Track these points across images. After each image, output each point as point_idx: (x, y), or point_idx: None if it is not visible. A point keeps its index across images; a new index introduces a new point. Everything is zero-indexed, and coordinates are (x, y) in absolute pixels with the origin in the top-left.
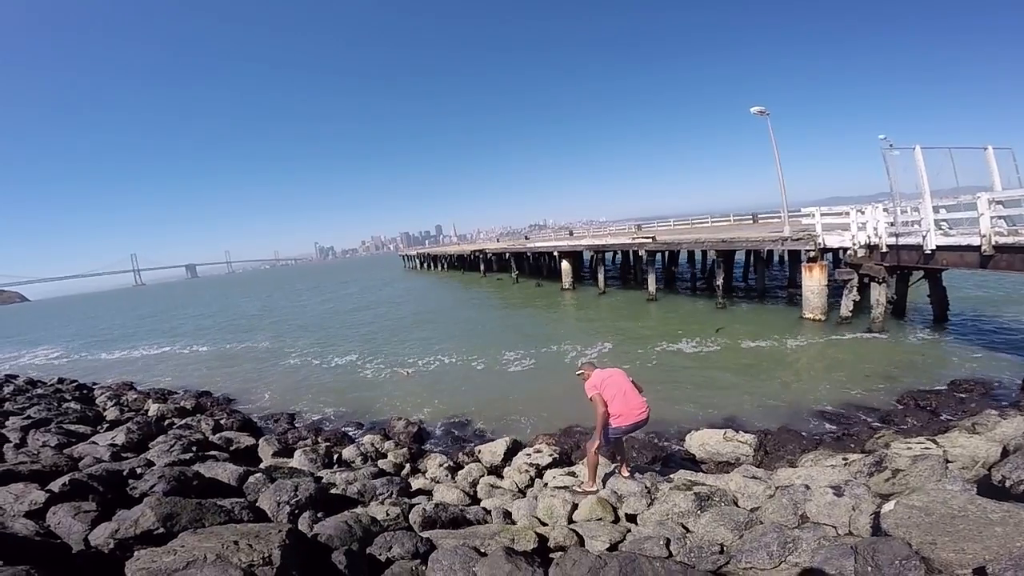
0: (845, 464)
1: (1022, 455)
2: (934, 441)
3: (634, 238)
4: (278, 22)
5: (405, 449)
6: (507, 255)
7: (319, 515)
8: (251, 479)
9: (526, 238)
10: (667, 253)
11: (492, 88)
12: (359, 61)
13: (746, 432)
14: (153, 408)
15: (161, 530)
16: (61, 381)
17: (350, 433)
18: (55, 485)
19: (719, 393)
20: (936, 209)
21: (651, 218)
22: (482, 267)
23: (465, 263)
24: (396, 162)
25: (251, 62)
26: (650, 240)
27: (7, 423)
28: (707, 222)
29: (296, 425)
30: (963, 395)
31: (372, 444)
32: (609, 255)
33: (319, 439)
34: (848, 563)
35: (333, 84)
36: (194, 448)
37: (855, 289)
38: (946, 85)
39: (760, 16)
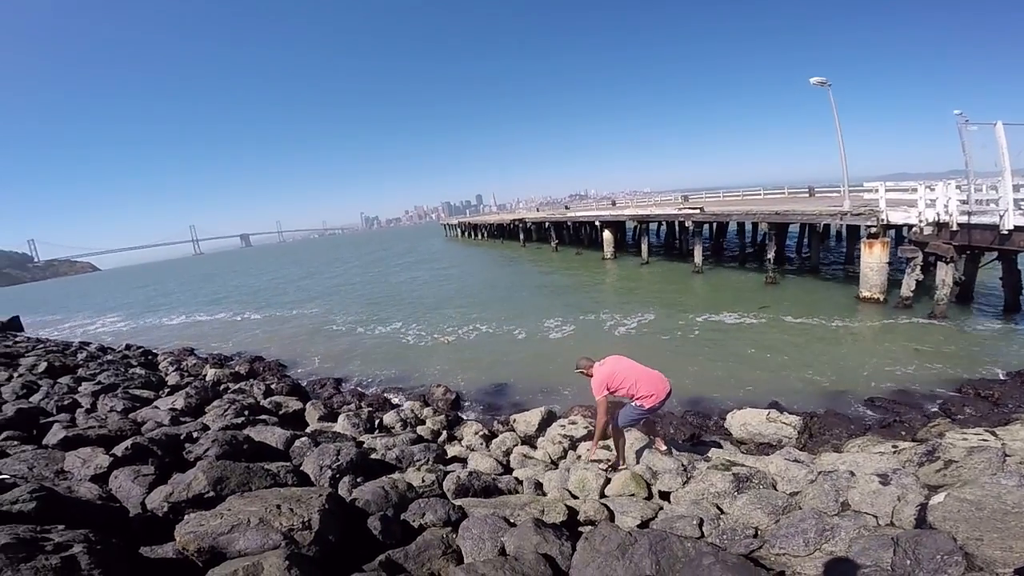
0: (894, 452)
1: None
2: (993, 433)
3: (680, 209)
4: None
5: (443, 416)
6: (547, 224)
7: (358, 480)
8: (297, 443)
9: (566, 208)
10: (715, 225)
11: (534, 53)
12: (403, 27)
13: (791, 414)
14: (210, 373)
15: (211, 493)
16: (128, 348)
17: (392, 399)
18: (118, 449)
19: (764, 372)
20: (1016, 188)
21: (699, 189)
22: (521, 236)
23: (504, 232)
24: (438, 131)
25: (299, 32)
26: (698, 211)
27: (80, 389)
28: (759, 194)
29: (341, 390)
30: None
31: (412, 411)
32: (653, 226)
33: (362, 404)
34: (886, 555)
35: (376, 49)
36: (246, 412)
37: (919, 268)
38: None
39: None
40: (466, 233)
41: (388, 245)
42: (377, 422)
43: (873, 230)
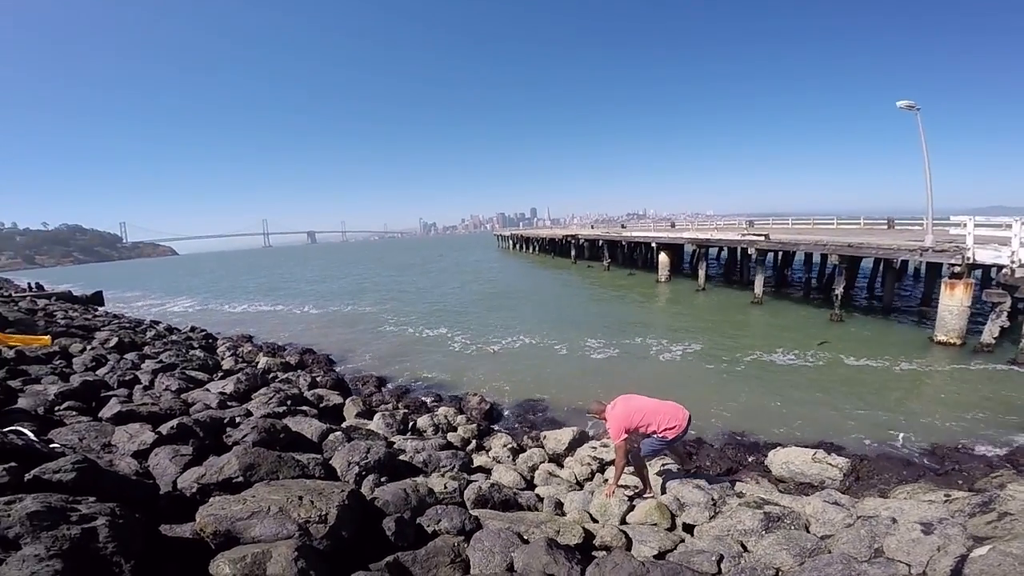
0: (946, 501)
1: None
2: None
3: (744, 235)
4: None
5: (475, 425)
6: (600, 243)
7: (382, 479)
8: (331, 437)
9: (623, 227)
10: (780, 254)
11: (592, 68)
12: (465, 39)
13: (839, 455)
14: (262, 361)
15: (240, 479)
16: (193, 330)
17: (428, 403)
18: (164, 428)
19: (815, 411)
20: None
21: (766, 215)
22: (573, 253)
23: (556, 247)
24: (497, 142)
25: (362, 39)
26: (762, 238)
27: (143, 366)
28: (832, 223)
29: (382, 389)
30: None
31: (445, 417)
32: (713, 251)
33: (399, 405)
34: None
35: (440, 61)
36: (288, 402)
37: (1005, 314)
38: None
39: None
40: (518, 245)
41: (444, 252)
42: (411, 424)
43: (957, 269)
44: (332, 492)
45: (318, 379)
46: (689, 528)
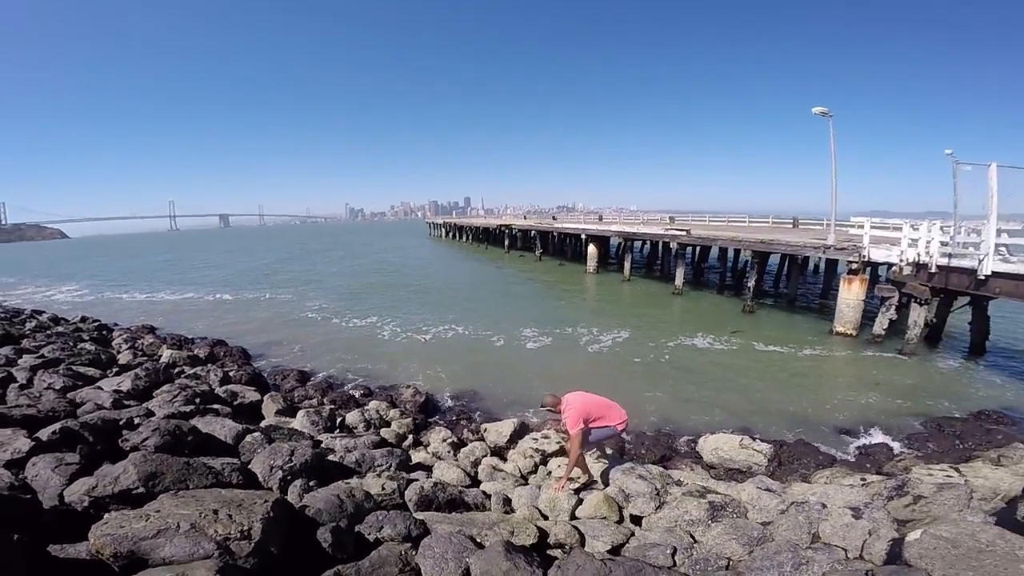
0: (863, 485)
1: None
2: (956, 469)
3: (667, 229)
4: None
5: (410, 419)
6: (533, 233)
7: (311, 484)
8: (248, 438)
9: (553, 218)
10: (698, 248)
11: (530, 63)
12: (401, 16)
13: (763, 441)
14: (166, 354)
15: (141, 490)
16: (83, 320)
17: (357, 397)
18: (44, 433)
19: (733, 397)
20: (999, 233)
21: (685, 211)
22: (506, 242)
23: (490, 236)
24: (429, 129)
25: (292, 19)
26: (684, 233)
27: (19, 361)
28: (745, 221)
29: (305, 383)
30: (991, 426)
31: (377, 411)
32: (637, 244)
33: (325, 400)
34: None
35: (370, 39)
36: (197, 400)
37: (893, 308)
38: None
39: (823, 10)
40: (451, 234)
41: (372, 239)
42: (339, 420)
43: (854, 266)
44: (254, 503)
45: (231, 374)
46: (636, 520)
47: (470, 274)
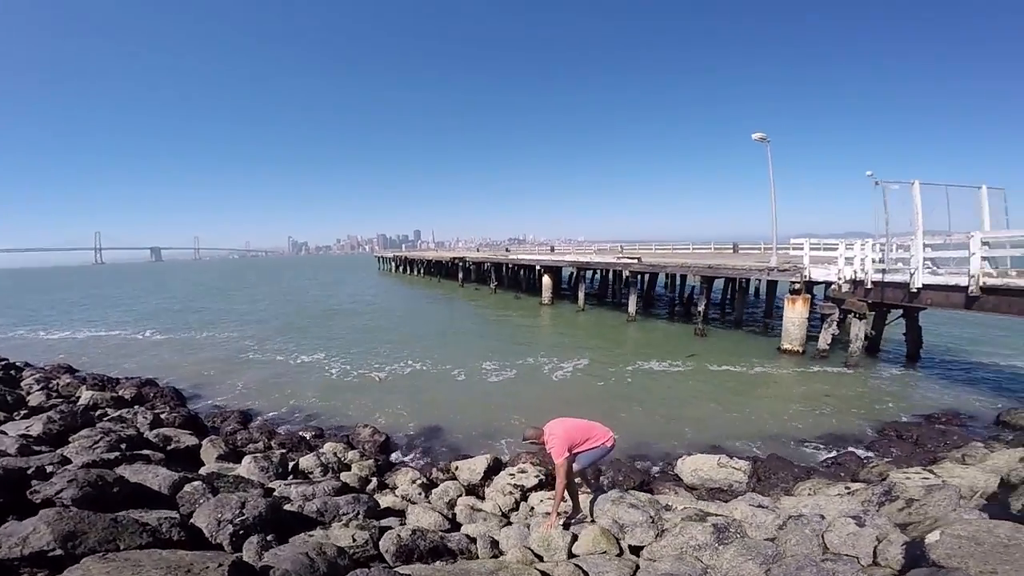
0: (849, 493)
1: None
2: (931, 471)
3: (619, 258)
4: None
5: (371, 461)
6: (487, 265)
7: (269, 539)
8: (187, 488)
9: (507, 250)
10: (647, 276)
11: (479, 96)
12: (342, 49)
13: (739, 459)
14: (85, 395)
15: (59, 552)
16: None
17: (308, 439)
18: None
19: (698, 418)
20: (926, 248)
21: (632, 241)
22: (460, 275)
23: (443, 270)
24: (377, 162)
25: (225, 39)
26: (635, 261)
27: None
28: (689, 248)
29: (248, 426)
30: (943, 427)
31: (334, 454)
32: (589, 273)
33: (273, 444)
34: None
35: (313, 65)
36: (123, 446)
37: (835, 323)
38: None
39: (760, 43)
40: (401, 268)
41: (317, 273)
42: (292, 466)
43: (796, 286)
44: (206, 567)
45: (163, 416)
46: (636, 550)
47: (424, 309)
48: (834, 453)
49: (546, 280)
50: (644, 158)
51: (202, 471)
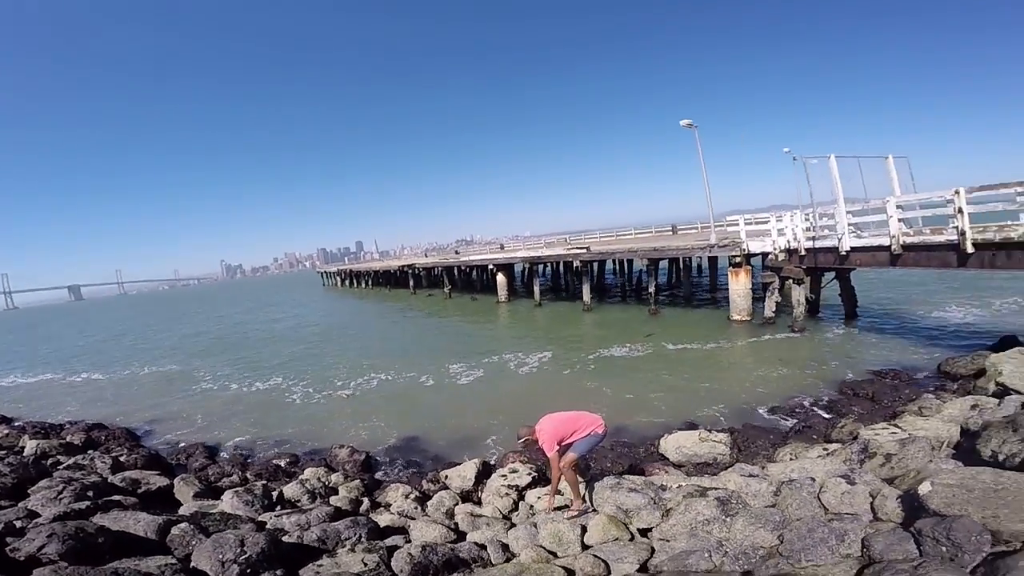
0: (829, 454)
1: (999, 431)
2: (897, 426)
3: (569, 249)
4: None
5: (357, 481)
6: (438, 270)
7: (280, 573)
8: (175, 531)
9: (456, 252)
10: (596, 264)
11: (411, 100)
12: (269, 61)
13: (718, 431)
14: (30, 445)
15: None
16: None
17: (283, 466)
18: None
19: (667, 395)
20: (849, 214)
21: (577, 232)
22: (411, 283)
23: (392, 279)
24: (312, 175)
25: (137, 55)
26: (584, 250)
27: None
28: (631, 234)
29: (217, 460)
30: (892, 382)
31: (318, 479)
32: (541, 267)
33: (248, 475)
34: (910, 547)
35: (235, 82)
36: (90, 493)
37: (777, 291)
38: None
39: (686, 31)
40: (347, 281)
41: (258, 296)
42: (276, 495)
43: (737, 259)
44: None
45: (122, 459)
46: (644, 532)
47: (379, 321)
48: (801, 416)
49: (500, 278)
50: (582, 150)
51: (182, 511)
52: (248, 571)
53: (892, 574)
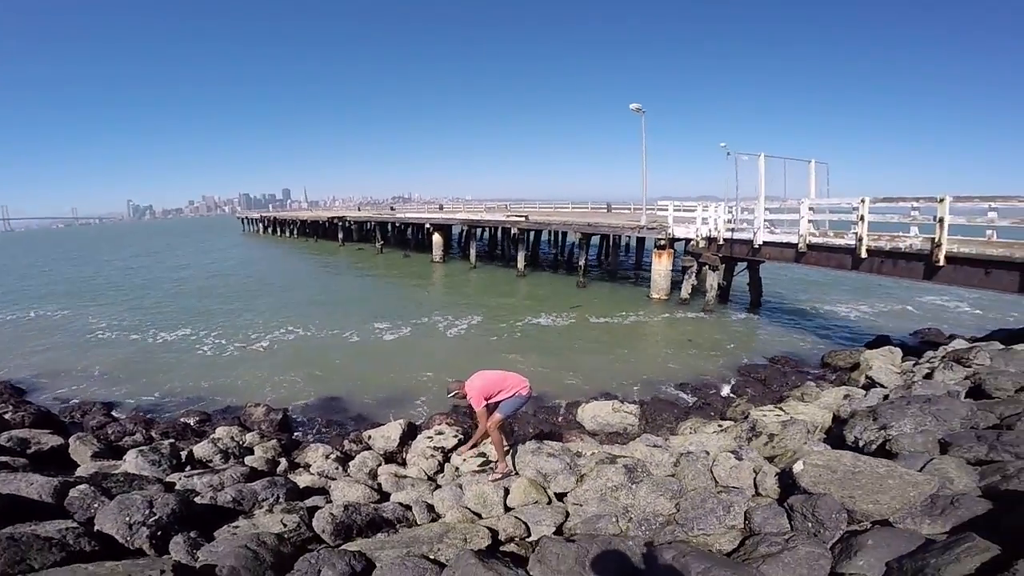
0: (722, 430)
1: (862, 419)
2: (782, 409)
3: (508, 216)
4: None
5: (274, 441)
6: (371, 224)
7: (193, 535)
8: (74, 492)
9: (392, 209)
10: (532, 233)
11: (356, 44)
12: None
13: (629, 403)
14: None
15: None
16: None
17: (193, 424)
18: None
19: (587, 367)
20: (766, 211)
21: (517, 200)
22: (340, 236)
23: (319, 230)
24: (236, 115)
25: None
26: (523, 219)
27: None
28: (568, 207)
29: (117, 417)
30: (784, 369)
31: (231, 438)
32: (479, 231)
33: (153, 434)
34: (783, 521)
35: (156, 17)
36: None
37: (694, 275)
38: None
39: (643, 20)
40: (270, 229)
41: (169, 239)
42: (185, 455)
43: (662, 242)
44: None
45: (7, 416)
46: (560, 496)
47: (302, 272)
48: (703, 394)
49: (436, 238)
50: (529, 120)
51: (80, 472)
52: (159, 533)
53: (767, 546)
